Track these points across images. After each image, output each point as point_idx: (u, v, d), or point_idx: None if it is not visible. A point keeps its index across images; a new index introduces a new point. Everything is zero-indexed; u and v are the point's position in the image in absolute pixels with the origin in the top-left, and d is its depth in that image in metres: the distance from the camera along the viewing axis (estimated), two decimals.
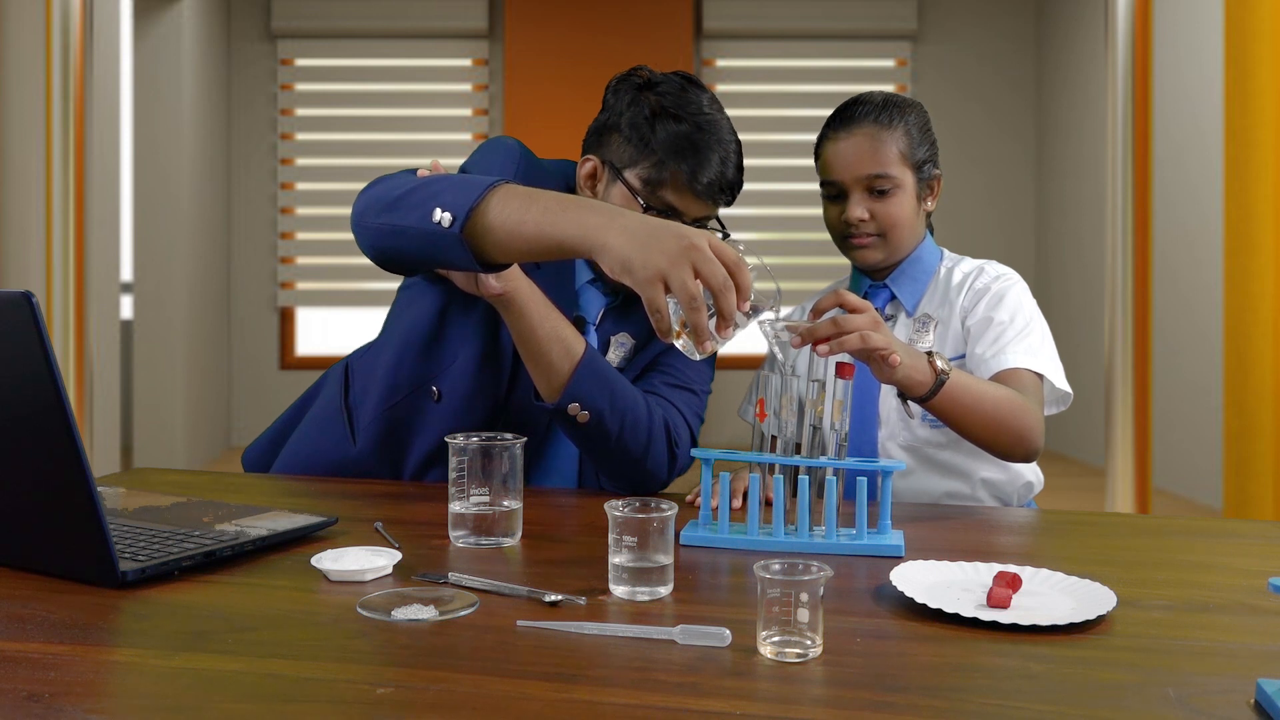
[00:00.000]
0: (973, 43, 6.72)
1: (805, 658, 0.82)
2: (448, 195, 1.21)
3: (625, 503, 0.99)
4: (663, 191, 1.44)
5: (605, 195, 1.48)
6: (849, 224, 1.63)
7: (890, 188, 1.61)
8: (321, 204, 6.70)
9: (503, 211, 1.18)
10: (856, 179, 1.62)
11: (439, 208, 1.20)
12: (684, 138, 1.43)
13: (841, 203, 1.65)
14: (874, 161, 1.61)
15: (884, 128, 1.62)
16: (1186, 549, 1.24)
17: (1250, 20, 3.36)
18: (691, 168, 1.42)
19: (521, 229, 1.16)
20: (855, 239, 1.64)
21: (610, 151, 1.48)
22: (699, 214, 1.47)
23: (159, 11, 5.62)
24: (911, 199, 1.64)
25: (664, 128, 1.44)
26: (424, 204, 1.22)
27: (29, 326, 0.92)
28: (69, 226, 3.29)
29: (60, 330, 3.27)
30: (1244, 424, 3.35)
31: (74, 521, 0.97)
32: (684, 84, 1.48)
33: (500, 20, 6.57)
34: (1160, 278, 4.17)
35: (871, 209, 1.62)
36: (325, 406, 1.63)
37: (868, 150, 1.61)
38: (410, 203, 1.24)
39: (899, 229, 1.63)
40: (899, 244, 1.65)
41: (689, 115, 1.44)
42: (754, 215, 6.63)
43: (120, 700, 0.76)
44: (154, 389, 5.62)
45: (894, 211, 1.62)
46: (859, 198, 1.63)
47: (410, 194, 1.25)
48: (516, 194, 1.19)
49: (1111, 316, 3.50)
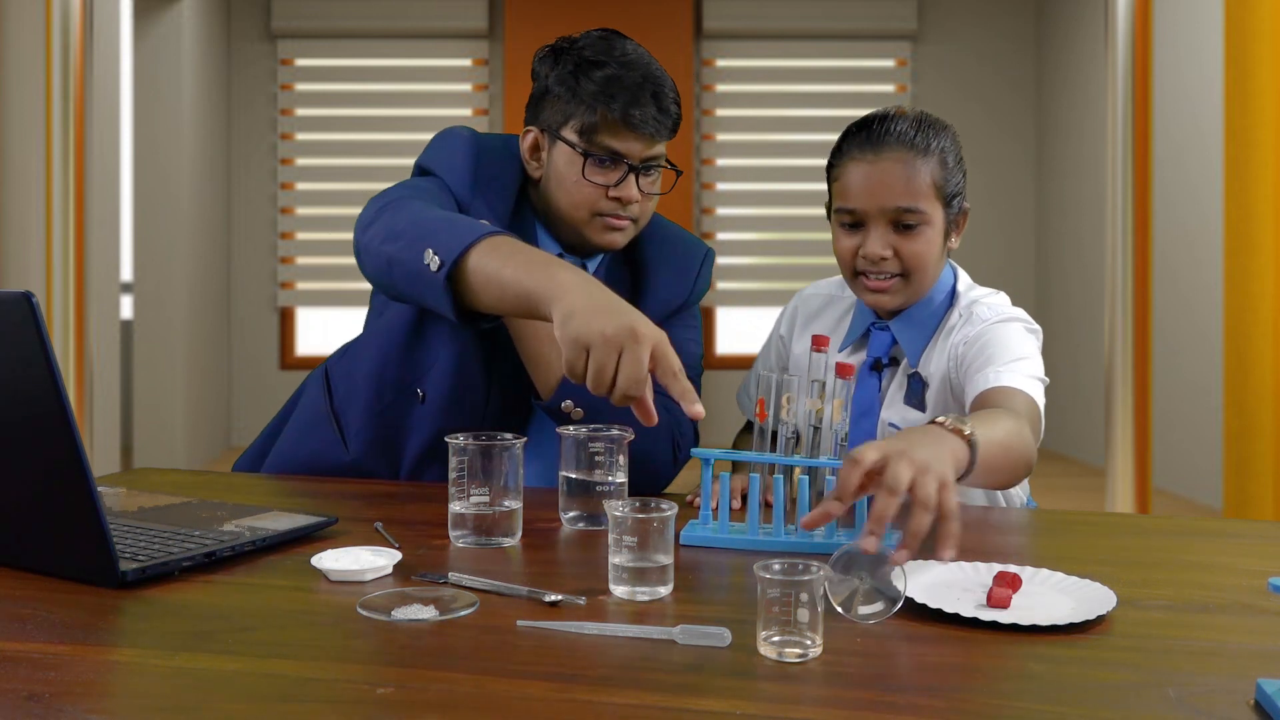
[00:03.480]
0: (973, 43, 6.72)
1: (805, 658, 0.82)
2: (442, 237, 1.25)
3: (625, 503, 0.99)
4: (599, 136, 1.44)
5: (549, 161, 1.49)
6: (868, 260, 1.45)
7: (918, 223, 1.43)
8: (321, 204, 6.70)
9: (485, 260, 1.22)
10: (882, 210, 1.43)
11: (430, 249, 1.24)
12: (611, 79, 1.44)
13: (859, 234, 1.46)
14: (905, 193, 1.42)
15: (918, 153, 1.43)
16: (1186, 549, 1.24)
17: (1250, 20, 3.36)
18: (623, 105, 1.43)
19: (500, 276, 1.20)
20: (872, 281, 1.46)
21: (546, 117, 1.49)
22: (642, 153, 1.46)
23: (159, 11, 5.62)
24: (939, 237, 1.46)
25: (589, 76, 1.45)
26: (419, 241, 1.25)
27: (29, 326, 0.92)
28: (69, 226, 3.29)
29: (60, 330, 3.27)
30: (1244, 424, 3.35)
31: (74, 521, 0.97)
32: (605, 34, 1.50)
33: (500, 20, 6.57)
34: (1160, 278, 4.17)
35: (895, 245, 1.43)
36: (309, 410, 1.63)
37: (899, 179, 1.42)
38: (408, 237, 1.28)
39: (923, 272, 1.45)
40: (920, 288, 1.47)
41: (613, 59, 1.45)
42: (754, 215, 6.63)
43: (120, 700, 0.76)
44: (154, 389, 5.62)
45: (920, 250, 1.44)
46: (881, 232, 1.44)
47: (410, 228, 1.29)
48: (503, 246, 1.23)
49: (1111, 316, 3.50)
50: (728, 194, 6.68)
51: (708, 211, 6.64)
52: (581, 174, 1.44)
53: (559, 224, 1.51)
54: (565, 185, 1.47)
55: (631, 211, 1.47)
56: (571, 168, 1.46)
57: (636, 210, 1.48)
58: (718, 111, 6.64)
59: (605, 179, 1.45)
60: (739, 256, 6.63)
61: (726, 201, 6.67)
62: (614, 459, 1.26)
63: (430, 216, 1.31)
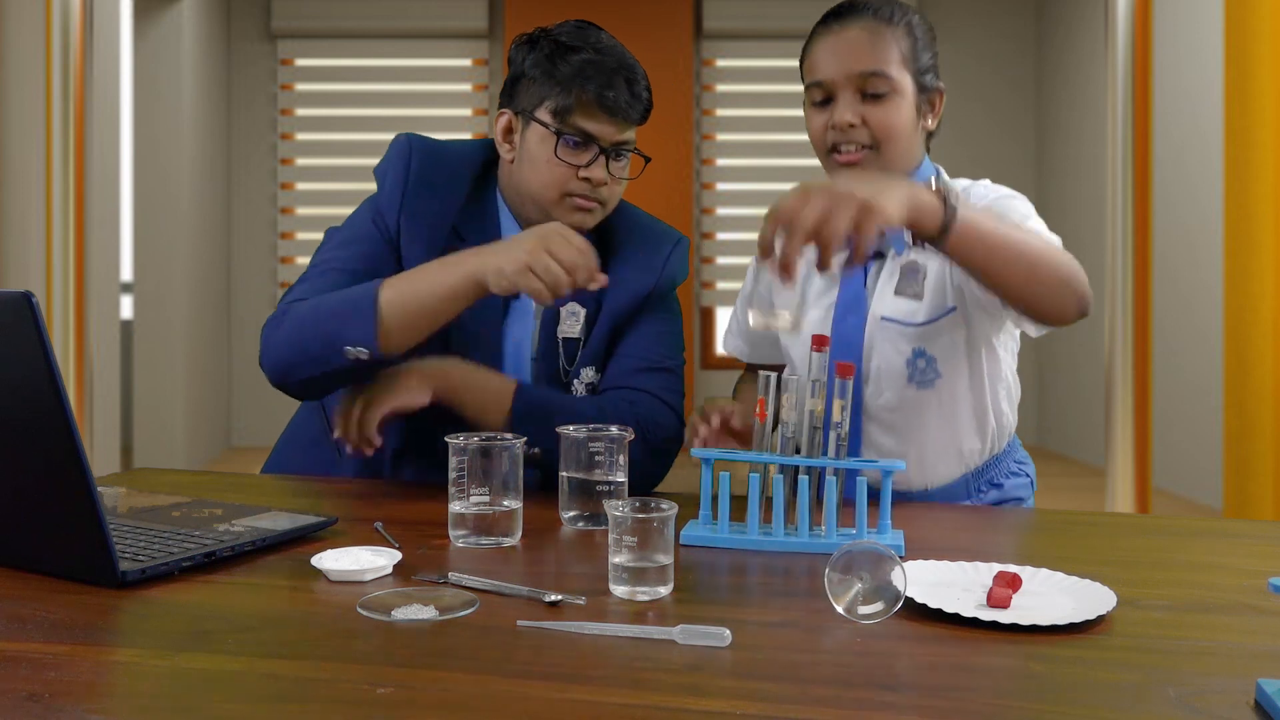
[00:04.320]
0: (973, 43, 6.72)
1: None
2: (346, 331, 1.35)
3: (625, 503, 0.99)
4: (574, 117, 1.47)
5: (522, 142, 1.52)
6: (837, 130, 1.42)
7: (887, 91, 1.40)
8: (321, 204, 6.70)
9: (395, 305, 1.35)
10: (848, 77, 1.40)
11: (347, 345, 1.35)
12: (587, 63, 1.47)
13: (829, 108, 1.43)
14: (870, 58, 1.40)
15: (883, 22, 1.42)
16: (1186, 549, 1.24)
17: (1250, 20, 3.36)
18: (597, 87, 1.46)
19: (418, 302, 1.35)
20: (843, 154, 1.42)
21: (520, 100, 1.53)
22: (614, 136, 1.49)
23: (159, 11, 5.62)
24: (910, 108, 1.42)
25: (565, 60, 1.48)
26: (328, 347, 1.36)
27: (29, 326, 0.92)
28: (69, 226, 3.29)
29: (60, 330, 3.27)
30: (1244, 424, 3.35)
31: (74, 521, 0.97)
32: (579, 24, 1.53)
33: (500, 20, 6.57)
34: (1160, 278, 4.17)
35: (864, 114, 1.40)
36: (302, 427, 1.66)
37: (864, 45, 1.40)
38: (311, 355, 1.38)
39: (894, 141, 1.41)
40: (893, 160, 1.42)
41: (589, 44, 1.49)
42: (754, 215, 6.63)
43: (120, 700, 0.76)
44: (154, 389, 5.62)
45: (889, 120, 1.40)
46: (849, 99, 1.41)
47: (306, 344, 1.38)
48: (396, 284, 1.37)
49: (1111, 316, 3.50)
50: (728, 194, 6.69)
51: (708, 211, 6.64)
52: (554, 153, 1.48)
53: (527, 204, 1.54)
54: (537, 165, 1.50)
55: (600, 194, 1.51)
56: (544, 148, 1.49)
57: (605, 193, 1.51)
58: (718, 111, 6.64)
59: (576, 160, 1.48)
60: (739, 256, 6.63)
61: (726, 201, 6.67)
62: (614, 459, 1.26)
63: (314, 318, 1.38)
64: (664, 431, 1.51)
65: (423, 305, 1.35)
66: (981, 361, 1.49)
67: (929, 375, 1.45)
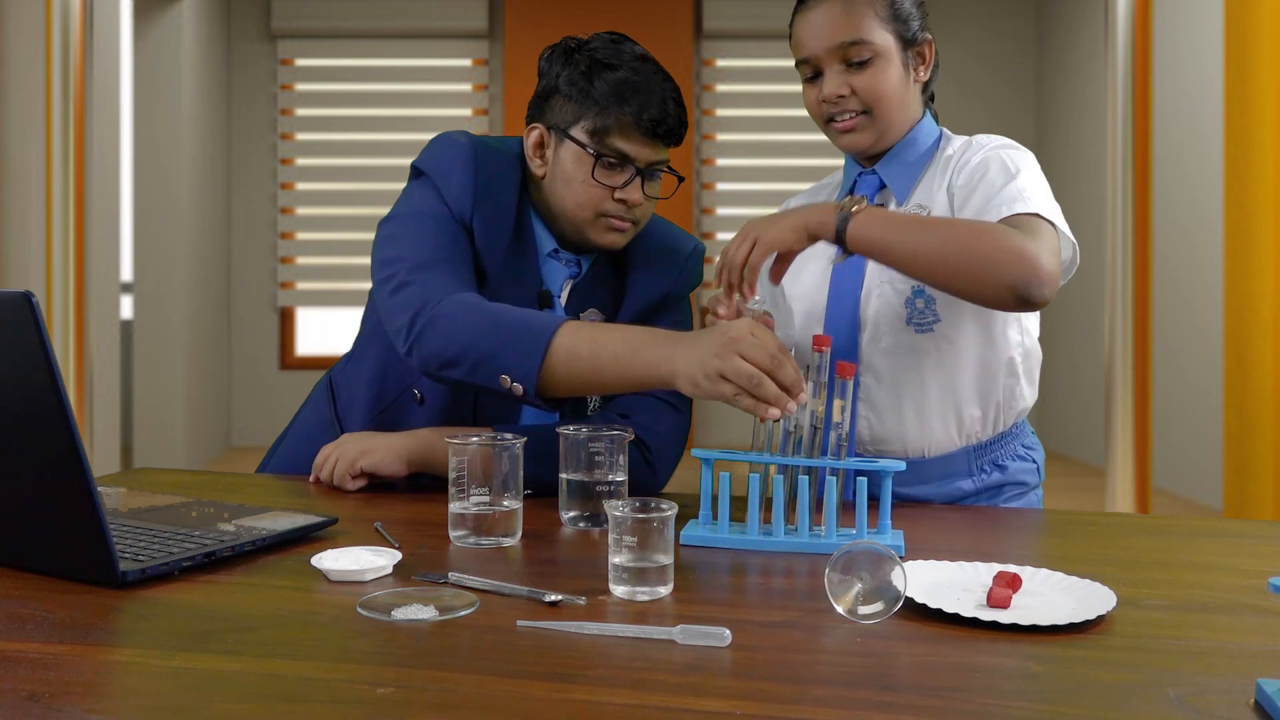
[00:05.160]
0: (973, 43, 6.72)
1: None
2: (509, 357, 1.30)
3: (625, 503, 0.99)
4: (610, 139, 1.45)
5: (555, 158, 1.49)
6: (828, 103, 1.45)
7: (870, 56, 1.42)
8: (321, 204, 6.70)
9: (570, 369, 1.29)
10: (830, 49, 1.43)
11: (504, 374, 1.30)
12: (623, 83, 1.44)
13: (819, 82, 1.47)
14: (847, 27, 1.42)
15: None
16: (1186, 549, 1.24)
17: (1250, 20, 3.36)
18: (635, 109, 1.43)
19: (594, 369, 1.28)
20: (839, 122, 1.46)
21: (553, 115, 1.50)
22: (649, 158, 1.47)
23: (159, 11, 5.62)
24: (897, 68, 1.45)
25: (602, 78, 1.45)
26: (488, 364, 1.31)
27: (29, 326, 0.92)
28: (69, 226, 3.29)
29: (60, 330, 3.27)
30: (1244, 424, 3.35)
31: (74, 521, 0.97)
32: (613, 38, 1.50)
33: (500, 20, 6.57)
34: (1160, 278, 4.17)
35: (851, 83, 1.43)
36: (312, 419, 1.66)
37: (839, 14, 1.43)
38: (471, 361, 1.32)
39: (885, 103, 1.44)
40: (889, 122, 1.46)
41: (624, 62, 1.46)
42: (754, 215, 6.62)
43: (120, 700, 0.76)
44: (154, 389, 5.62)
45: (876, 84, 1.43)
46: (835, 71, 1.44)
47: (470, 350, 1.32)
48: (578, 336, 1.29)
49: (1111, 316, 3.50)
50: (728, 194, 6.69)
51: (708, 211, 6.64)
52: (590, 175, 1.45)
53: (560, 221, 1.51)
54: (572, 185, 1.47)
55: (634, 214, 1.48)
56: (580, 168, 1.46)
57: (639, 213, 1.49)
58: (718, 111, 6.65)
59: (613, 181, 1.46)
60: None
61: (726, 201, 6.67)
62: (614, 459, 1.26)
63: (483, 333, 1.32)
64: (661, 443, 1.49)
65: (599, 375, 1.28)
66: (985, 315, 1.46)
67: (927, 317, 1.44)
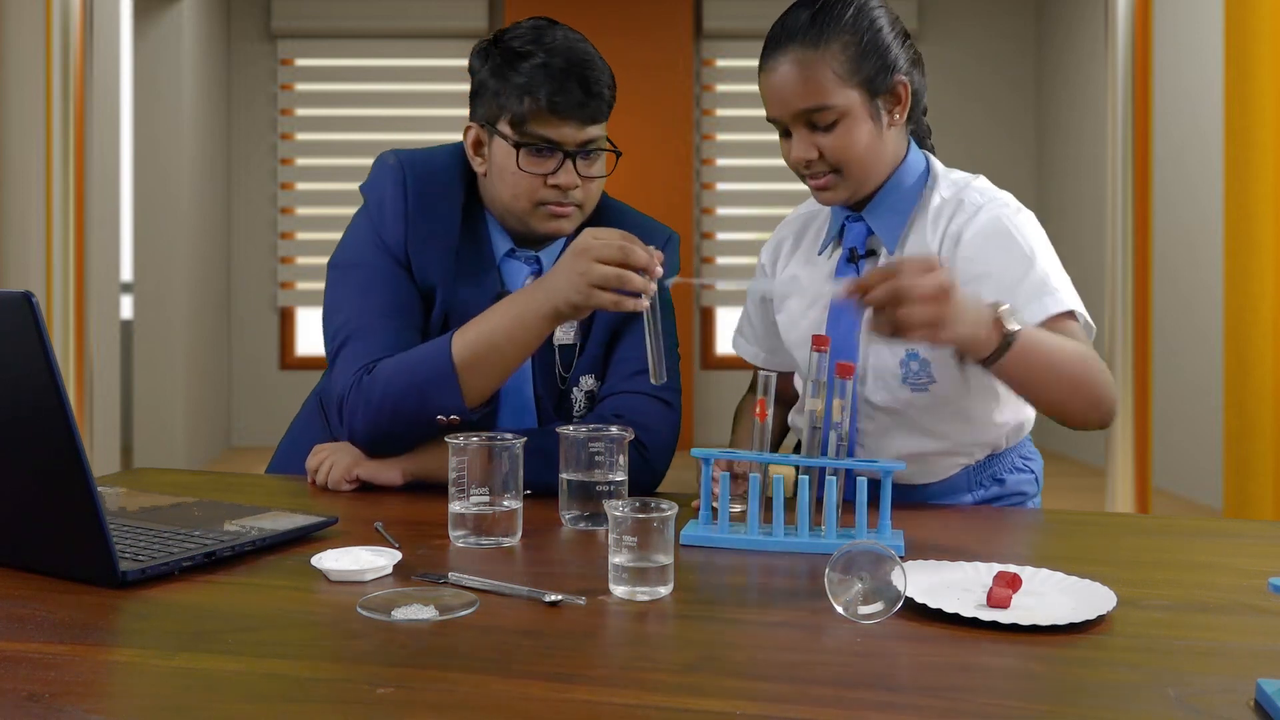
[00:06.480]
0: (973, 43, 6.72)
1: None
2: (433, 400, 1.39)
3: (625, 503, 0.99)
4: (530, 126, 1.46)
5: (490, 155, 1.51)
6: (798, 165, 1.44)
7: (834, 119, 1.38)
8: (321, 204, 6.70)
9: (472, 363, 1.38)
10: (793, 115, 1.40)
11: (439, 415, 1.40)
12: (537, 69, 1.45)
13: (790, 140, 1.44)
14: (804, 94, 1.38)
15: (810, 48, 1.38)
16: (1186, 549, 1.24)
17: (1250, 20, 3.36)
18: (549, 92, 1.44)
19: (497, 355, 1.38)
20: (811, 181, 1.44)
21: (482, 111, 1.51)
22: (577, 138, 1.47)
23: (159, 11, 5.62)
24: (864, 124, 1.39)
25: (515, 67, 1.46)
26: (423, 414, 1.40)
27: (29, 326, 0.92)
28: (69, 226, 3.29)
29: (60, 330, 3.26)
30: (1244, 424, 3.35)
31: (74, 521, 0.97)
32: (537, 24, 1.50)
33: (500, 20, 6.57)
34: (1160, 278, 4.16)
35: (818, 144, 1.39)
36: (302, 437, 1.65)
37: (796, 81, 1.38)
38: (411, 419, 1.42)
39: (854, 163, 1.40)
40: (862, 178, 1.42)
41: (540, 47, 1.46)
42: (754, 215, 6.63)
43: (120, 700, 0.76)
44: (154, 389, 5.62)
45: (842, 145, 1.39)
46: (801, 135, 1.41)
47: (403, 414, 1.41)
48: (468, 340, 1.38)
49: (1111, 316, 3.49)
50: (728, 194, 6.69)
51: (708, 211, 6.64)
52: (517, 164, 1.47)
53: (506, 217, 1.53)
54: (505, 177, 1.49)
55: (574, 197, 1.49)
56: (509, 159, 1.48)
57: (580, 195, 1.49)
58: (718, 111, 6.64)
59: (541, 168, 1.47)
60: (738, 256, 6.63)
61: (726, 201, 6.67)
62: (614, 459, 1.26)
63: (400, 391, 1.41)
64: (655, 436, 1.49)
65: (502, 357, 1.38)
66: (981, 376, 1.40)
67: (922, 379, 1.43)
